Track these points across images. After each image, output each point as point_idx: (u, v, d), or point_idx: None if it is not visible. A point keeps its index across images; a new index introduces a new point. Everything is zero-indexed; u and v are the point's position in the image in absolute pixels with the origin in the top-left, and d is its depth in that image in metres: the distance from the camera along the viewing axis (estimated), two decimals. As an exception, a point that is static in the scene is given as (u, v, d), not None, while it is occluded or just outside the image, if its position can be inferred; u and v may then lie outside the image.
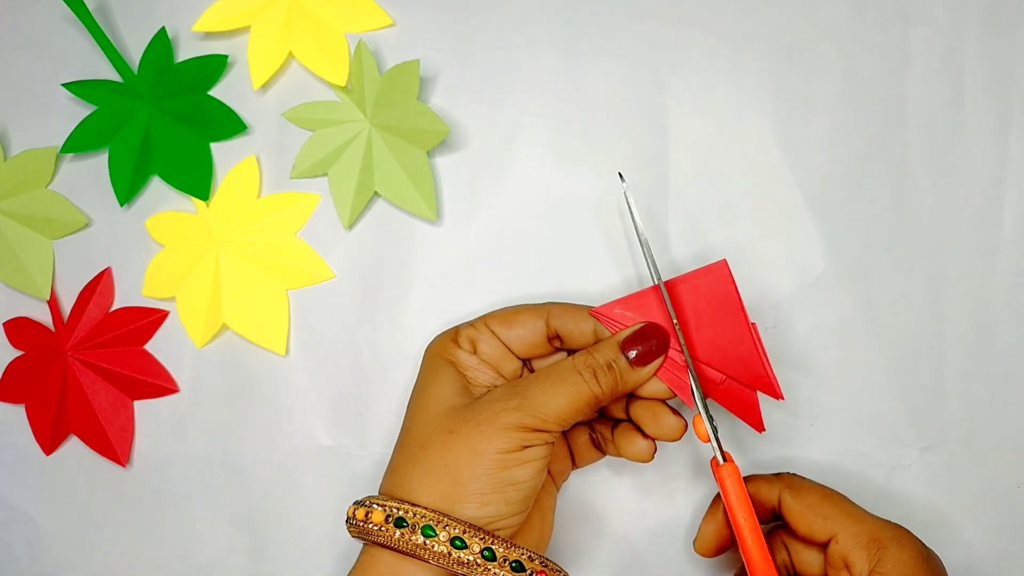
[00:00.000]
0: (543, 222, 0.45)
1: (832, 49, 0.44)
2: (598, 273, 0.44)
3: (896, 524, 0.36)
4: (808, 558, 0.38)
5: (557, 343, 0.39)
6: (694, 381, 0.37)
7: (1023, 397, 0.43)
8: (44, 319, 0.46)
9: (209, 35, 0.47)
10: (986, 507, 0.43)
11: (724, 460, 0.37)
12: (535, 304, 0.39)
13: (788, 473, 0.39)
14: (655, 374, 0.37)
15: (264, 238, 0.45)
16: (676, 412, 0.38)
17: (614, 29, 0.45)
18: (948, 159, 0.44)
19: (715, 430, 0.38)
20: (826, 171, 0.44)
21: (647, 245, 0.38)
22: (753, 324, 0.38)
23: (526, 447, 0.35)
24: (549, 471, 0.40)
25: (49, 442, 0.46)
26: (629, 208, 0.39)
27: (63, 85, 0.46)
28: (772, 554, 0.38)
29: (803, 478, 0.38)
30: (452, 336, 0.39)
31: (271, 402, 0.45)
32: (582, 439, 0.41)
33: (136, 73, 0.46)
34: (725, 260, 0.38)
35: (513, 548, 0.35)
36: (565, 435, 0.41)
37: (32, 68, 0.48)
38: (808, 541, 0.37)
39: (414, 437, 0.37)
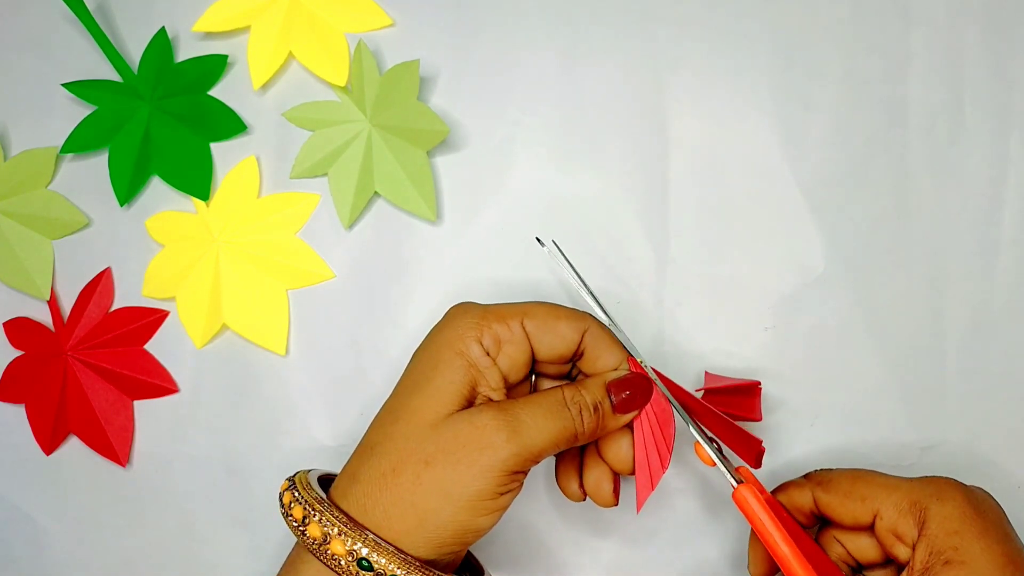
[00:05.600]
0: (543, 222, 0.45)
1: (832, 49, 0.44)
2: (598, 273, 0.44)
3: (934, 477, 0.35)
4: (863, 543, 0.36)
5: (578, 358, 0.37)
6: (684, 416, 0.37)
7: (1023, 397, 0.43)
8: (44, 319, 0.46)
9: (209, 35, 0.47)
10: (986, 507, 0.43)
11: (738, 482, 0.36)
12: (575, 311, 0.37)
13: (815, 471, 0.38)
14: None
15: (264, 238, 0.45)
16: (616, 491, 0.37)
17: (614, 29, 0.45)
18: (948, 159, 0.44)
19: (718, 450, 0.37)
20: (826, 171, 0.44)
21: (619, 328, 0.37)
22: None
23: (502, 493, 0.33)
24: None
25: (49, 442, 0.46)
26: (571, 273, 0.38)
27: (63, 85, 0.46)
28: (826, 551, 0.37)
29: (830, 470, 0.37)
30: (476, 323, 0.35)
31: (271, 402, 0.45)
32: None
33: (136, 73, 0.46)
34: (759, 383, 0.38)
35: None
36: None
37: (32, 68, 0.48)
38: (856, 528, 0.36)
39: (387, 452, 0.34)
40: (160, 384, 0.46)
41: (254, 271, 0.45)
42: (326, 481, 0.37)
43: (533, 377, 0.39)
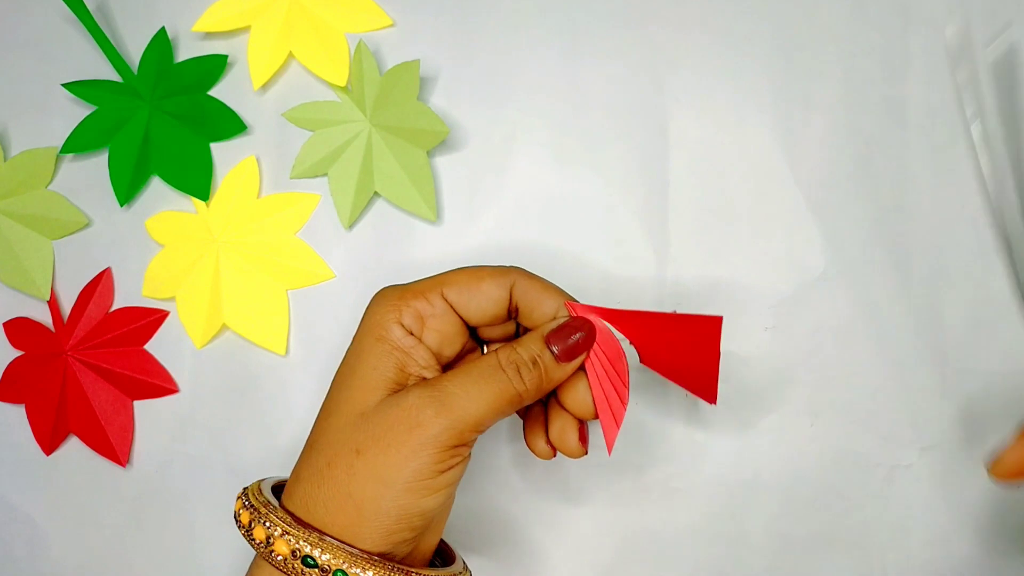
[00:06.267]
0: (543, 222, 0.45)
1: (832, 50, 0.44)
2: (598, 273, 0.44)
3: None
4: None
5: (514, 314, 0.36)
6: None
7: (1022, 397, 0.43)
8: (44, 319, 0.46)
9: (209, 35, 0.47)
10: (985, 508, 0.43)
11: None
12: (498, 268, 0.36)
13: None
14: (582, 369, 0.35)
15: (264, 238, 0.45)
16: (583, 439, 0.36)
17: (614, 30, 0.45)
18: (947, 159, 0.44)
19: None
20: (826, 171, 0.44)
21: None
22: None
23: (441, 471, 0.32)
24: None
25: (49, 442, 0.46)
26: None
27: (63, 85, 0.46)
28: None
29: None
30: (395, 305, 0.34)
31: (271, 402, 0.45)
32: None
33: (136, 73, 0.46)
34: (721, 317, 0.35)
35: None
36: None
37: (32, 68, 0.48)
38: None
39: (323, 447, 0.33)
40: (160, 384, 0.46)
41: (254, 271, 0.45)
42: (281, 487, 0.36)
43: (484, 348, 0.38)
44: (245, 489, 0.35)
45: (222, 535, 0.45)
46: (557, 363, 0.35)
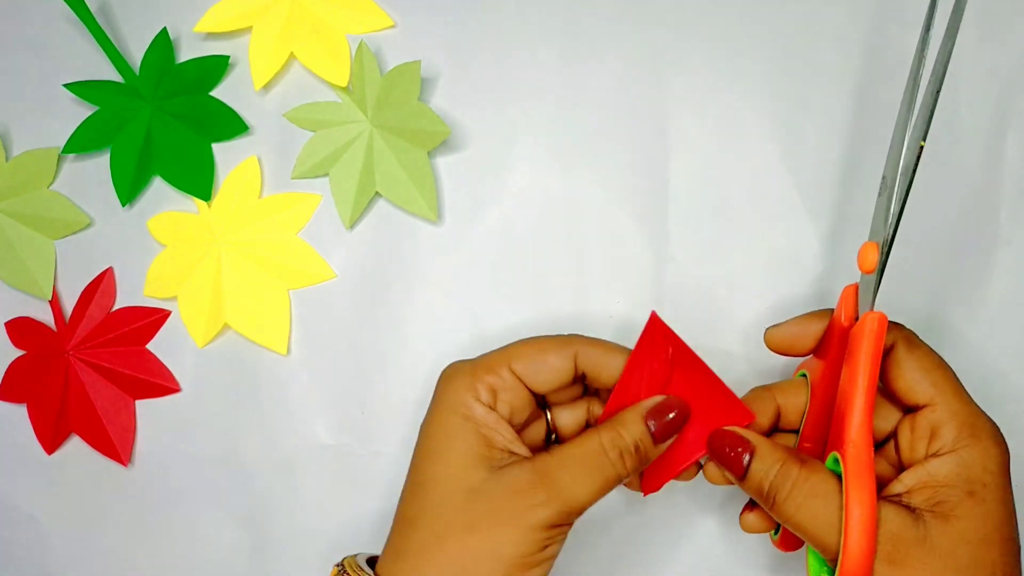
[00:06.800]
0: (543, 222, 0.45)
1: (830, 52, 0.44)
2: (598, 273, 0.44)
3: (991, 422, 0.34)
4: (882, 411, 0.36)
5: (581, 379, 0.38)
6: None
7: (1022, 396, 0.43)
8: (46, 319, 0.46)
9: (211, 36, 0.47)
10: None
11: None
12: (560, 338, 0.37)
13: (903, 326, 0.36)
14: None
15: (266, 238, 0.46)
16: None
17: (614, 31, 0.45)
18: (945, 160, 0.44)
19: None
20: (824, 172, 0.44)
21: None
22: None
23: (547, 546, 0.33)
24: None
25: (51, 441, 0.46)
26: None
27: (65, 86, 0.46)
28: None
29: (918, 337, 0.36)
30: (470, 382, 0.36)
31: (272, 401, 0.46)
32: None
33: (138, 74, 0.46)
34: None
35: None
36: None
37: (34, 69, 0.48)
38: (897, 398, 0.35)
39: (427, 523, 0.34)
40: (162, 383, 0.46)
41: (256, 271, 0.46)
42: (371, 561, 0.37)
43: (549, 413, 0.39)
44: (341, 564, 0.35)
45: (223, 534, 0.46)
46: (654, 445, 0.35)
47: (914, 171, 0.34)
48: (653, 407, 0.35)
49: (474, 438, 0.35)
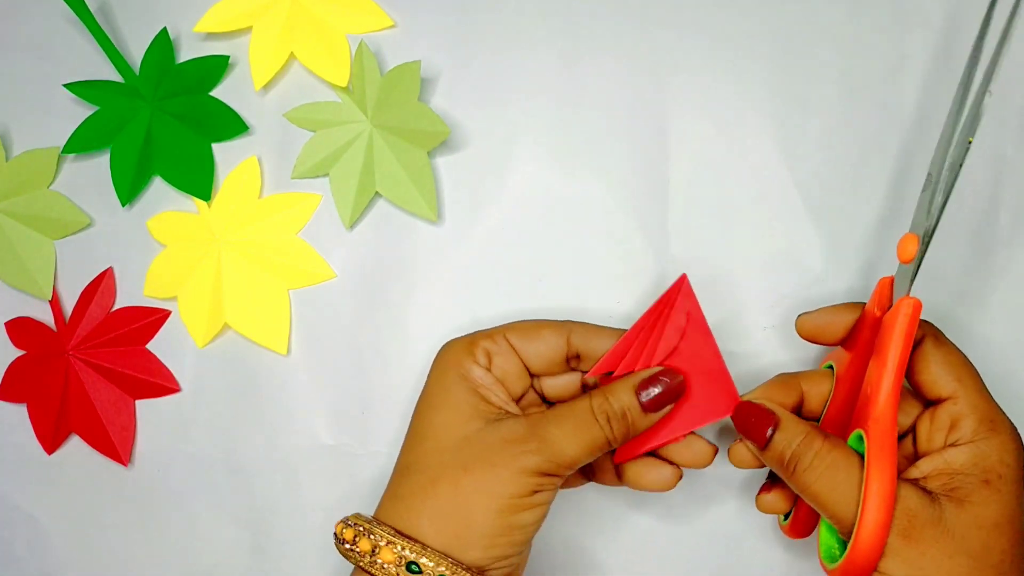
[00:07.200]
0: (543, 222, 0.45)
1: (830, 52, 0.44)
2: (598, 273, 0.44)
3: (1011, 423, 0.35)
4: (904, 407, 0.37)
5: (575, 363, 0.39)
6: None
7: (1021, 396, 0.43)
8: (46, 319, 0.46)
9: (211, 36, 0.47)
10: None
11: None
12: (557, 320, 0.39)
13: (932, 323, 0.37)
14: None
15: (266, 238, 0.46)
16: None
17: (614, 31, 0.45)
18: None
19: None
20: (824, 172, 0.44)
21: None
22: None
23: (537, 491, 0.35)
24: None
25: (51, 441, 0.46)
26: None
27: (65, 86, 0.46)
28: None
29: (944, 335, 0.37)
30: (468, 347, 0.38)
31: (272, 401, 0.46)
32: None
33: (138, 74, 0.46)
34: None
35: None
36: None
37: (34, 69, 0.48)
38: (921, 392, 0.36)
39: (423, 467, 0.36)
40: (162, 383, 0.46)
41: (256, 271, 0.46)
42: None
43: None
44: (345, 517, 0.36)
45: (223, 534, 0.46)
46: (644, 414, 0.36)
47: (960, 166, 0.35)
48: (646, 378, 0.36)
49: (470, 393, 0.37)
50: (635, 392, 0.36)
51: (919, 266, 0.36)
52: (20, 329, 0.46)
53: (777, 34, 0.45)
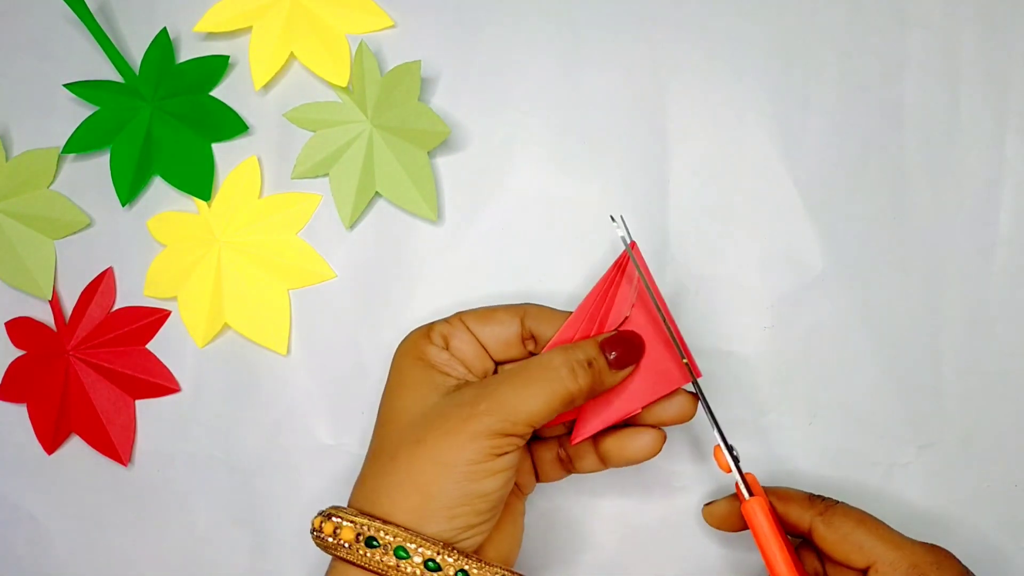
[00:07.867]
0: (543, 222, 0.45)
1: (830, 52, 0.44)
2: (598, 273, 0.44)
3: (935, 547, 0.36)
4: (843, 572, 0.37)
5: (531, 345, 0.38)
6: (708, 411, 0.37)
7: (1020, 395, 0.43)
8: (46, 319, 0.46)
9: (211, 36, 0.47)
10: (983, 505, 0.43)
11: (749, 494, 0.36)
12: (512, 304, 0.39)
13: (820, 498, 0.38)
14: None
15: (265, 238, 0.46)
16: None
17: (614, 31, 0.45)
18: (945, 160, 0.44)
19: (736, 460, 0.37)
20: (824, 172, 0.44)
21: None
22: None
23: (497, 455, 0.34)
24: (516, 481, 0.38)
25: (51, 441, 0.46)
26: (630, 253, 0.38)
27: (65, 86, 0.46)
28: (802, 563, 0.38)
29: (836, 504, 0.37)
30: (424, 332, 0.38)
31: (272, 401, 0.46)
32: (549, 456, 0.40)
33: (138, 74, 0.46)
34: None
35: (487, 568, 0.34)
36: (530, 450, 0.40)
37: (34, 69, 0.48)
38: (845, 567, 0.37)
39: (384, 447, 0.36)
40: (162, 383, 0.46)
41: (256, 271, 0.46)
42: None
43: None
44: (321, 509, 0.37)
45: (223, 534, 0.46)
46: (611, 369, 0.36)
47: None
48: (608, 338, 0.37)
49: (427, 371, 0.37)
50: (600, 348, 0.36)
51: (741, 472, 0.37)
52: (20, 329, 0.46)
53: (777, 34, 0.45)
